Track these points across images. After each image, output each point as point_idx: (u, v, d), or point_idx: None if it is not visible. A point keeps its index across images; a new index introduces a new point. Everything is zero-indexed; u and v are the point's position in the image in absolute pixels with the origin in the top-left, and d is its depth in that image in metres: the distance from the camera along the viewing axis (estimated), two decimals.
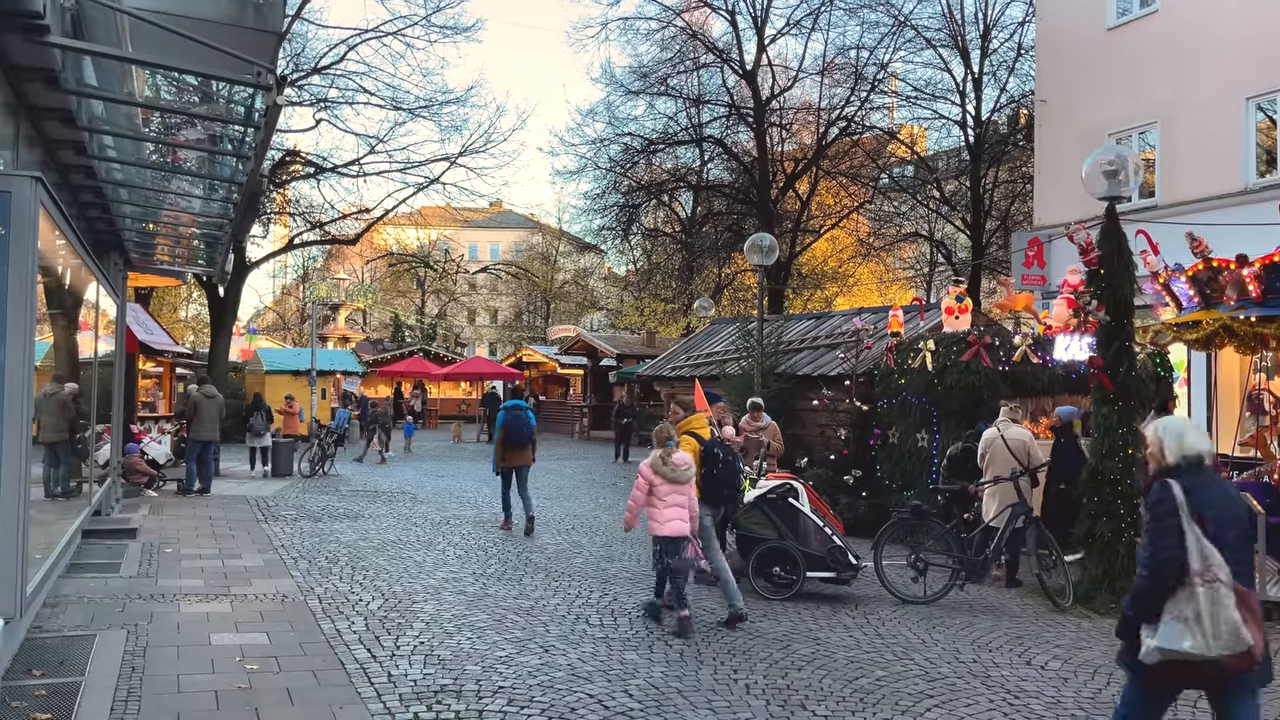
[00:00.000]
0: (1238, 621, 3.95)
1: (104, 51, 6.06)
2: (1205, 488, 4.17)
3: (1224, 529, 4.08)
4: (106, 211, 9.51)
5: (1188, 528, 4.04)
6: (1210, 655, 3.96)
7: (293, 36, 23.65)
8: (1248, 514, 4.41)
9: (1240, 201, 15.97)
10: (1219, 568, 3.99)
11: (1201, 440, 4.31)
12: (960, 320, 13.15)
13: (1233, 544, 4.09)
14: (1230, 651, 3.97)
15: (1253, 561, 4.28)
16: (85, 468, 11.01)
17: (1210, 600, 3.97)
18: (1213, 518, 4.07)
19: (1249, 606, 4.00)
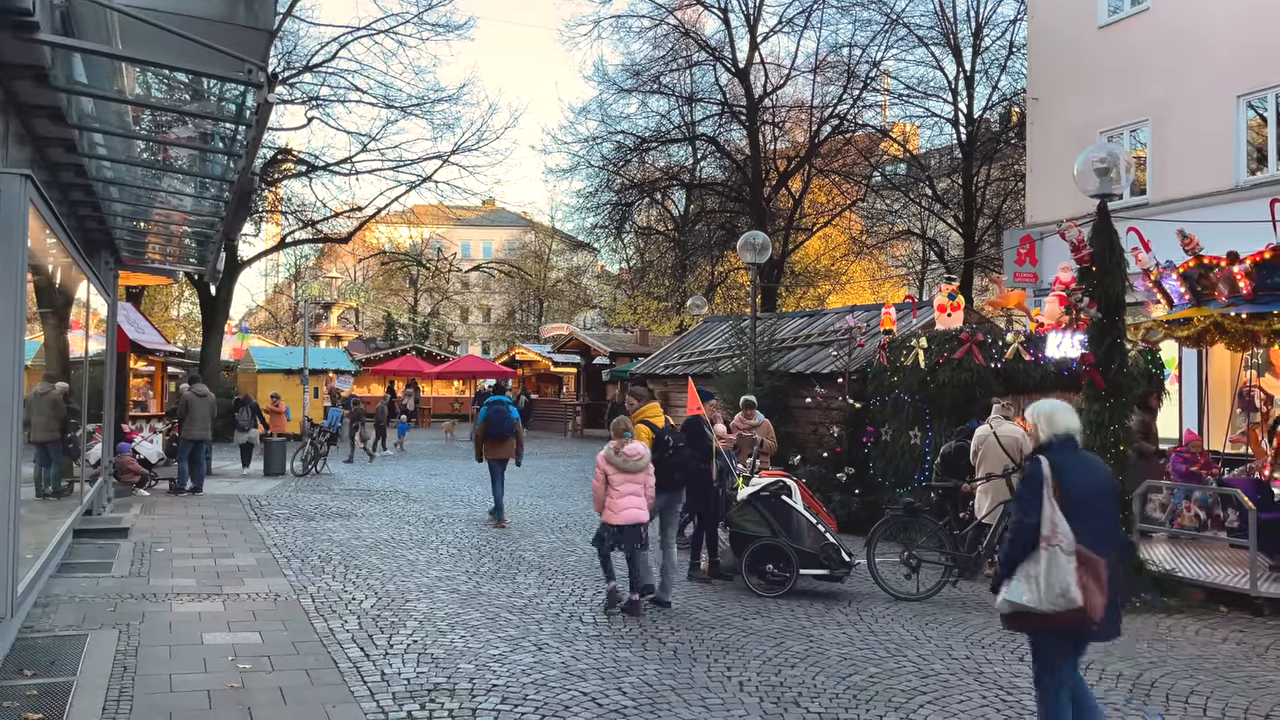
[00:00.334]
0: (1069, 583, 4.36)
1: (94, 49, 6.04)
2: (1071, 462, 4.63)
3: (1085, 499, 4.50)
4: (97, 210, 9.47)
5: (1046, 499, 4.48)
6: (1042, 609, 4.44)
7: (284, 34, 23.57)
8: (1111, 487, 4.80)
9: (1231, 199, 16.02)
10: (1063, 535, 4.40)
11: (1071, 420, 4.75)
12: (952, 318, 13.18)
13: (1093, 512, 4.52)
14: (1058, 609, 4.40)
15: (1114, 529, 4.74)
16: (76, 467, 10.97)
17: (1049, 562, 4.40)
18: (1077, 493, 4.49)
19: (1094, 572, 4.40)
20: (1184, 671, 6.90)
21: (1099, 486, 4.66)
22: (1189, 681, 6.67)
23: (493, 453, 13.06)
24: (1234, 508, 9.78)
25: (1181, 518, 11.25)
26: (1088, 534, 4.45)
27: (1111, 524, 4.69)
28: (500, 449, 13.05)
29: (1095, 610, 4.41)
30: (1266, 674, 6.88)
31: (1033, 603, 4.47)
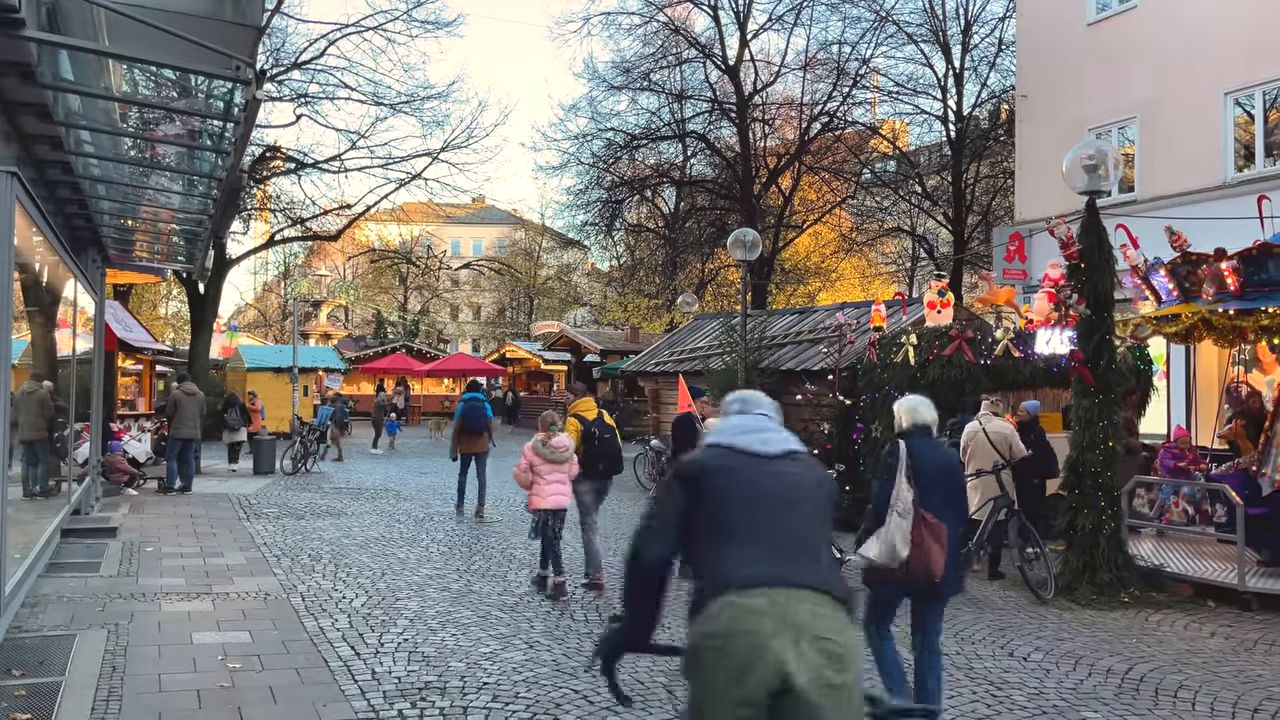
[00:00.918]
0: (895, 543, 5.09)
1: (81, 45, 6.01)
2: (925, 447, 5.35)
3: (933, 479, 5.23)
4: (84, 207, 9.41)
5: (900, 476, 5.21)
6: (883, 563, 5.15)
7: (272, 31, 23.48)
8: (955, 468, 5.57)
9: (1219, 196, 16.10)
10: (902, 502, 5.13)
11: (929, 413, 5.49)
12: (942, 315, 13.20)
13: (940, 486, 5.25)
14: (893, 563, 5.12)
15: (958, 503, 5.47)
16: (64, 466, 10.91)
17: (893, 527, 5.14)
18: (926, 469, 5.23)
19: (936, 534, 5.05)
20: (1172, 666, 6.94)
21: (945, 466, 5.41)
22: (1177, 676, 6.70)
23: (467, 447, 13.75)
24: (1222, 503, 9.83)
25: (1170, 513, 11.31)
26: (935, 503, 5.14)
27: (955, 496, 5.40)
28: (475, 443, 13.79)
29: (937, 566, 5.04)
30: (1254, 668, 6.92)
31: (877, 558, 5.19)
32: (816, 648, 2.68)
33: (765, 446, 3.20)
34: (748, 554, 2.89)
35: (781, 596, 2.76)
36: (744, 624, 2.71)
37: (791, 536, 2.97)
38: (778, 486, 3.10)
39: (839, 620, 2.80)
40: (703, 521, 3.03)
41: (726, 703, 2.66)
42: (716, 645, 2.74)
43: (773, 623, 2.70)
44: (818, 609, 2.77)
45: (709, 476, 3.11)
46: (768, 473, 3.13)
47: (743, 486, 3.07)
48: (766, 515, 3.01)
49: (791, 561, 2.89)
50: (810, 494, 3.16)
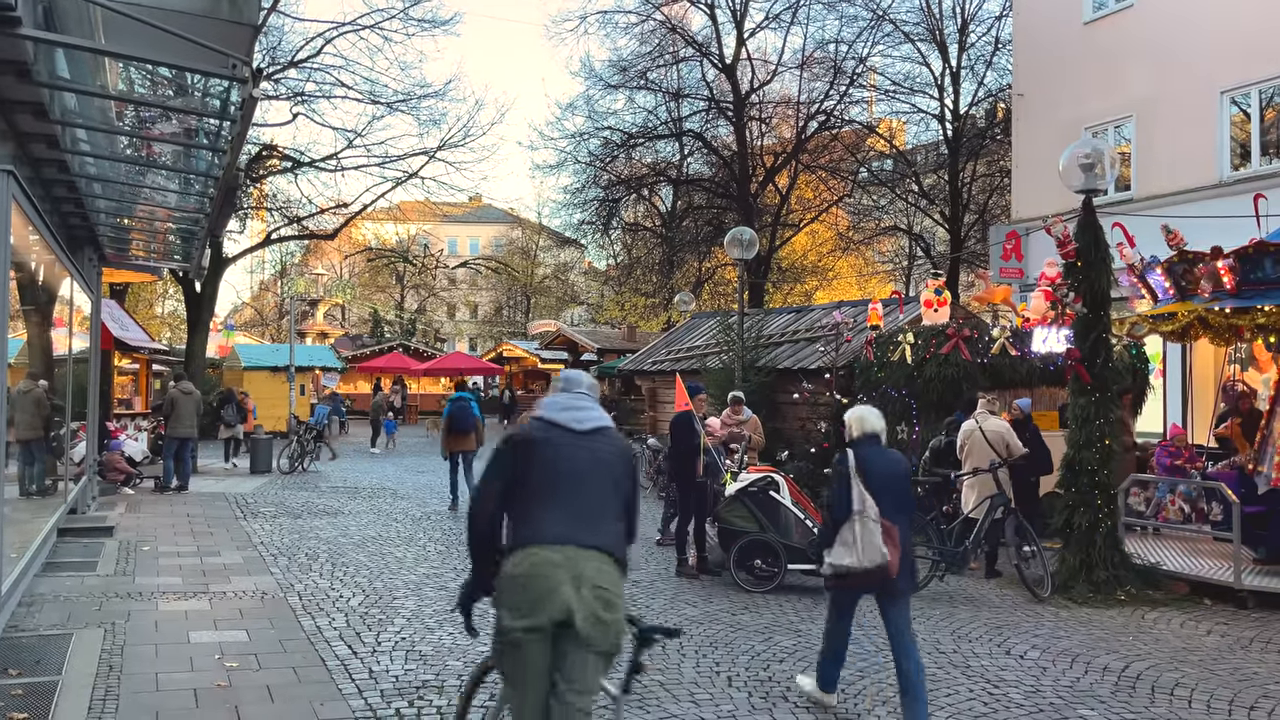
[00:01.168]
0: (879, 543, 5.43)
1: (77, 44, 6.00)
2: (874, 455, 5.72)
3: (883, 484, 5.59)
4: (80, 206, 9.40)
5: (854, 482, 5.59)
6: (862, 567, 5.47)
7: (268, 29, 23.44)
8: (904, 473, 5.87)
9: (1215, 194, 16.12)
10: (870, 508, 5.50)
11: (877, 422, 5.88)
12: (939, 313, 13.22)
13: (890, 493, 5.61)
14: (874, 565, 5.44)
15: (906, 504, 5.76)
16: (60, 465, 10.90)
17: (863, 529, 5.48)
18: (876, 475, 5.61)
19: (891, 536, 5.46)
20: (1169, 664, 6.95)
21: (894, 472, 5.74)
22: (1174, 674, 6.71)
23: (456, 445, 14.22)
24: (1218, 501, 9.84)
25: (1166, 511, 11.32)
26: (886, 507, 5.55)
27: (904, 499, 5.72)
28: (463, 441, 14.22)
29: (894, 565, 5.45)
30: (1250, 666, 6.93)
31: (853, 563, 5.50)
32: (594, 595, 3.54)
33: (579, 424, 3.86)
34: (553, 515, 3.65)
35: (573, 553, 3.58)
36: (543, 571, 3.55)
37: (590, 504, 3.73)
38: (585, 460, 3.80)
39: (614, 575, 3.64)
40: (522, 484, 3.76)
41: (522, 626, 3.52)
42: (520, 584, 3.56)
43: (565, 573, 3.53)
44: (601, 566, 3.61)
45: (531, 447, 3.80)
46: (579, 446, 3.81)
47: (557, 458, 3.77)
48: (572, 484, 3.74)
49: (587, 526, 3.66)
50: (612, 468, 3.85)
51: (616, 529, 3.78)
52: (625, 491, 3.88)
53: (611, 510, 3.80)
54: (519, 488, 3.76)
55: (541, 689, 3.55)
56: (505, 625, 3.58)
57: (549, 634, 3.54)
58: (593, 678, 3.58)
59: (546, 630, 3.53)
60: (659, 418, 20.00)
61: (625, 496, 3.88)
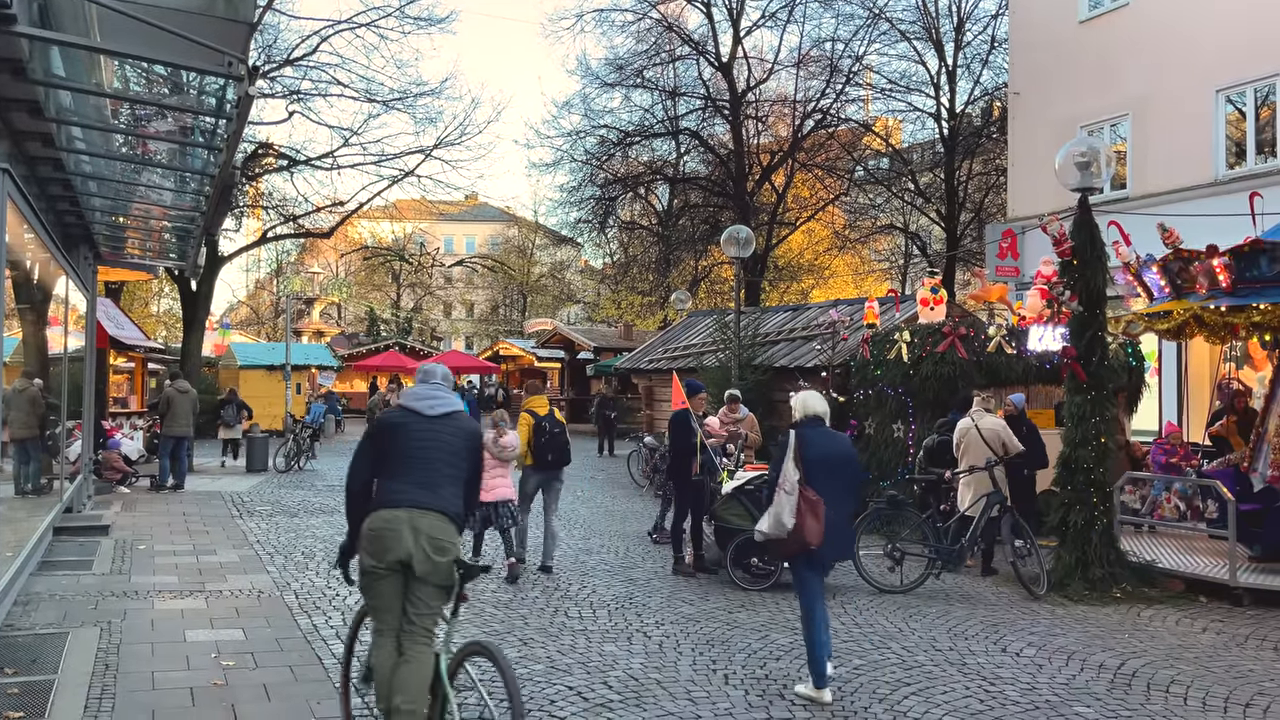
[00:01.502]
0: (781, 516, 5.94)
1: (72, 41, 5.98)
2: (815, 435, 6.17)
3: (822, 461, 6.02)
4: (76, 204, 9.38)
5: (788, 460, 6.02)
6: (774, 535, 6.02)
7: (264, 27, 23.37)
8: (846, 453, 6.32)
9: (1210, 193, 16.15)
10: (787, 481, 5.98)
11: (820, 405, 6.32)
12: (935, 311, 13.23)
13: (828, 470, 6.01)
14: (782, 534, 5.95)
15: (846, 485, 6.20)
16: (56, 464, 10.88)
17: (780, 502, 5.97)
18: (815, 455, 6.04)
19: (814, 510, 5.87)
20: (1164, 661, 6.97)
21: (835, 453, 6.19)
22: (1169, 671, 6.73)
23: None
24: (1213, 499, 9.86)
25: (1161, 509, 11.33)
26: (821, 484, 5.94)
27: (845, 479, 6.20)
28: None
29: (814, 535, 5.86)
30: (1246, 663, 6.95)
31: (768, 530, 6.04)
32: (429, 543, 4.53)
33: (431, 410, 4.85)
34: (401, 484, 4.66)
35: (416, 513, 4.57)
36: (390, 526, 4.55)
37: (431, 475, 4.70)
38: (431, 439, 4.77)
39: (447, 528, 4.62)
40: (383, 459, 4.76)
41: (377, 566, 4.58)
42: (374, 536, 4.59)
43: (406, 527, 4.53)
44: (435, 522, 4.59)
45: (390, 430, 4.83)
46: (428, 429, 4.79)
47: (409, 438, 4.76)
48: (419, 459, 4.72)
49: (427, 491, 4.65)
50: (455, 447, 4.81)
51: (454, 493, 4.75)
52: (466, 464, 4.85)
53: (450, 479, 4.75)
54: (381, 462, 4.77)
55: (395, 613, 4.61)
56: (366, 566, 4.64)
57: (398, 572, 4.57)
58: (431, 604, 4.62)
59: (395, 569, 4.56)
60: (655, 416, 20.02)
61: (467, 469, 4.85)
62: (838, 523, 5.98)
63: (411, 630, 4.60)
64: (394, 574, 4.58)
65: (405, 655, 4.56)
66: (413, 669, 4.51)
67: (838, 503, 6.00)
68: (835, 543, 6.02)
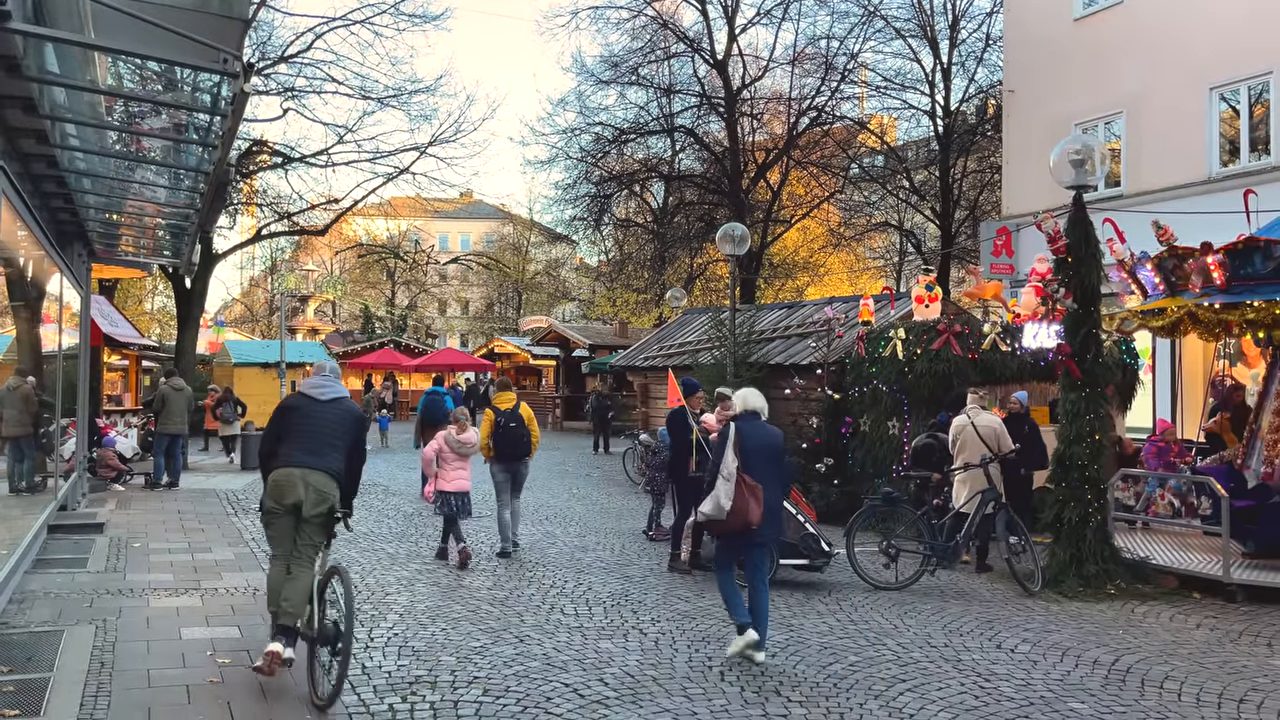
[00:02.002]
0: (720, 500, 6.60)
1: (67, 38, 5.95)
2: (751, 428, 6.84)
3: (757, 451, 6.71)
4: (70, 201, 9.35)
5: (728, 449, 6.69)
6: (716, 517, 6.67)
7: (259, 24, 23.31)
8: (777, 443, 7.00)
9: (1204, 190, 16.20)
10: (726, 468, 6.63)
11: (758, 401, 7.05)
12: (930, 309, 13.25)
13: (762, 459, 6.70)
14: (722, 515, 6.61)
15: (778, 472, 6.89)
16: (50, 462, 10.86)
17: (720, 487, 6.64)
18: (752, 445, 6.72)
19: (754, 494, 6.55)
20: (1158, 657, 6.99)
21: (767, 442, 6.87)
22: (1164, 667, 6.75)
23: (429, 436, 14.64)
24: (1207, 495, 9.89)
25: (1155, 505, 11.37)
26: (757, 471, 6.63)
27: (777, 465, 6.92)
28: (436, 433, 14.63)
29: (754, 516, 6.55)
30: (1240, 659, 6.98)
31: (710, 512, 6.71)
32: (314, 493, 6.00)
33: (321, 395, 6.36)
34: (294, 449, 6.11)
35: (306, 471, 6.04)
36: (286, 479, 6.04)
37: (319, 444, 6.15)
38: (320, 419, 6.26)
39: (328, 481, 6.06)
40: (284, 432, 6.23)
41: (276, 507, 6.07)
42: (276, 486, 6.07)
43: (298, 480, 6.00)
44: (321, 478, 6.05)
45: (290, 410, 6.35)
46: (318, 410, 6.30)
47: (303, 417, 6.26)
48: (309, 432, 6.18)
49: (314, 455, 6.09)
50: (337, 424, 6.27)
51: (337, 457, 6.18)
52: (348, 437, 6.29)
53: (334, 447, 6.19)
54: (283, 433, 6.23)
55: (287, 543, 6.11)
56: (268, 507, 6.15)
57: (291, 513, 6.05)
58: (314, 538, 6.09)
59: (289, 511, 6.05)
60: (651, 413, 20.02)
61: (348, 440, 6.28)
62: (773, 505, 6.74)
63: (298, 556, 6.05)
64: (288, 514, 6.06)
65: (292, 573, 6.02)
66: (296, 583, 5.97)
67: (771, 487, 6.72)
68: (772, 522, 6.79)
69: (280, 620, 5.93)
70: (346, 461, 6.25)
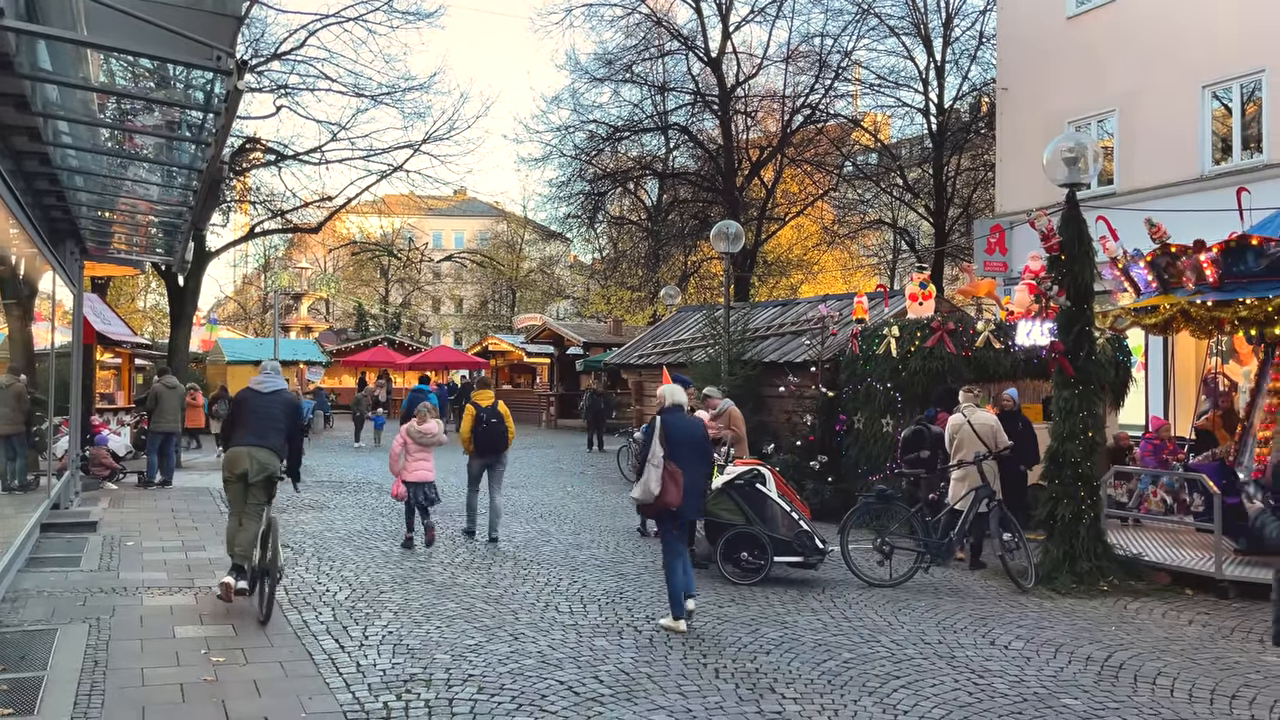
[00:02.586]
0: (650, 485, 7.35)
1: (59, 35, 5.93)
2: (675, 421, 7.61)
3: (681, 441, 7.48)
4: (62, 199, 9.32)
5: (655, 441, 7.42)
6: (644, 500, 7.47)
7: (251, 21, 23.20)
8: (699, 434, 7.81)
9: (1197, 188, 16.23)
10: (654, 456, 7.37)
11: (680, 396, 7.85)
12: (924, 306, 13.27)
13: (686, 448, 7.48)
14: (649, 499, 7.40)
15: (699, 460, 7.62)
16: (43, 461, 10.82)
17: (649, 474, 7.38)
18: (677, 437, 7.48)
19: (675, 478, 7.33)
20: (1151, 653, 7.02)
21: (690, 432, 7.68)
22: (1156, 663, 6.78)
23: None
24: (1199, 492, 9.93)
25: (1148, 502, 11.41)
26: (681, 459, 7.40)
27: (699, 452, 7.65)
28: None
29: (674, 498, 7.33)
30: (1232, 655, 7.01)
31: (639, 496, 7.49)
32: (257, 464, 7.64)
33: (264, 389, 7.98)
34: (244, 432, 7.74)
35: (252, 449, 7.67)
36: (237, 455, 7.71)
37: (261, 427, 7.76)
38: (263, 408, 7.86)
39: (270, 456, 7.70)
40: (236, 418, 7.91)
41: (229, 476, 7.75)
42: (228, 460, 7.80)
43: (246, 455, 7.64)
44: (263, 452, 7.69)
45: (239, 402, 8.02)
46: (261, 401, 7.90)
47: (250, 406, 7.87)
48: (255, 418, 7.80)
49: (258, 436, 7.71)
50: (276, 411, 7.86)
51: (277, 439, 7.83)
52: (286, 420, 7.92)
53: (275, 430, 7.82)
54: (236, 421, 7.93)
55: (239, 503, 7.77)
56: (225, 476, 7.87)
57: (241, 480, 7.70)
58: (258, 498, 7.74)
59: (240, 479, 7.70)
60: (645, 411, 20.02)
61: (286, 423, 7.91)
62: (693, 488, 7.49)
63: (247, 512, 7.74)
64: (239, 481, 7.74)
65: (243, 525, 7.72)
66: (245, 533, 7.70)
67: (693, 472, 7.48)
68: (691, 503, 7.56)
69: (235, 560, 7.66)
70: (287, 438, 7.91)
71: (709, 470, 8.02)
